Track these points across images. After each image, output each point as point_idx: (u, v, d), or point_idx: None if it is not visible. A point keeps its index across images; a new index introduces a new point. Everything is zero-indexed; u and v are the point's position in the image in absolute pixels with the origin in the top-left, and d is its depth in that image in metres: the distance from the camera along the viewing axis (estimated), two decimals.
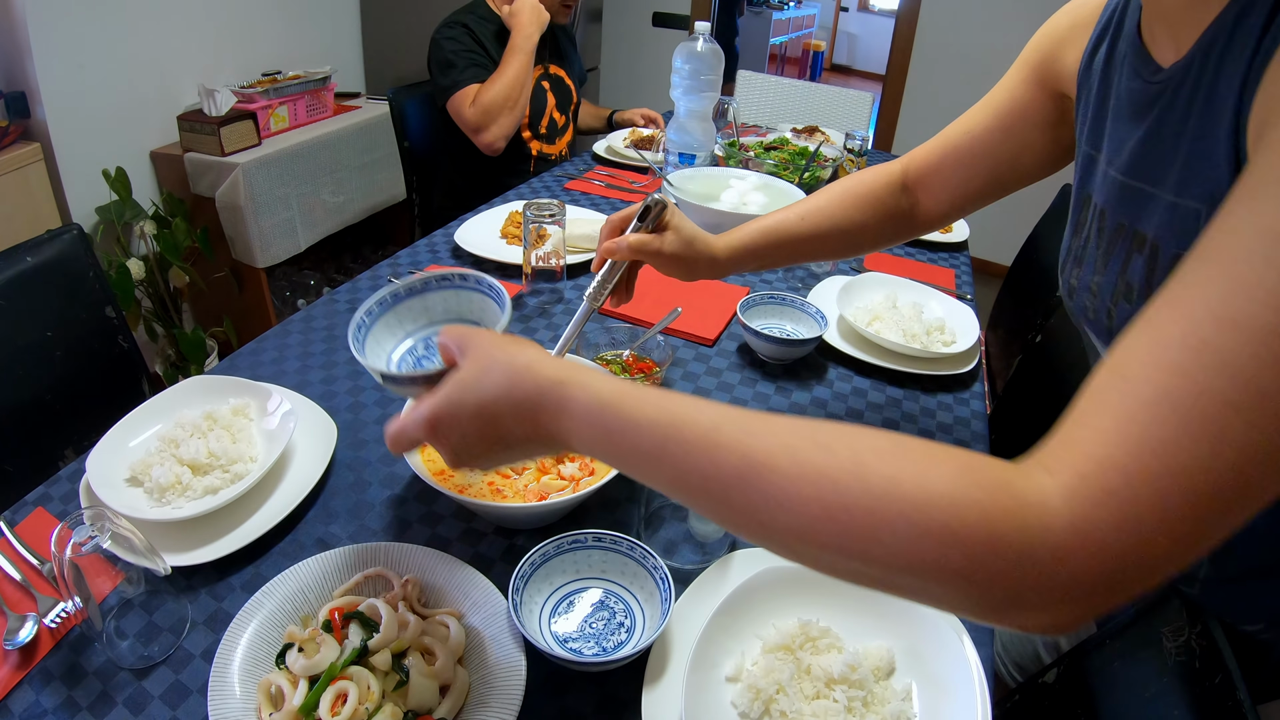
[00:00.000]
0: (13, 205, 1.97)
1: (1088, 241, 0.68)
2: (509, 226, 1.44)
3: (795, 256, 0.90)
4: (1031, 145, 0.79)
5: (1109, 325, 0.63)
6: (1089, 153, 0.68)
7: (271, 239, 2.37)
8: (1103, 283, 0.64)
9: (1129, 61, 0.61)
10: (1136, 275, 0.59)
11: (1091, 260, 0.67)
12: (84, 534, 0.59)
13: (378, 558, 0.71)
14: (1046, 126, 0.78)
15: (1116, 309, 0.62)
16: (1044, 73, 0.76)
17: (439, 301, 0.70)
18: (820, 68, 7.69)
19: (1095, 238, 0.66)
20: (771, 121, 2.49)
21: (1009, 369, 1.53)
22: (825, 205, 0.88)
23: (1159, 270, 0.56)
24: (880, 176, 0.89)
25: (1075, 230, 0.71)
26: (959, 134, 0.84)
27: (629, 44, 4.03)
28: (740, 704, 0.63)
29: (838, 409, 1.03)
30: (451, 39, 1.83)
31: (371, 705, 0.56)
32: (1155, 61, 0.58)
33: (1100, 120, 0.66)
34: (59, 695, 0.61)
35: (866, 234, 0.89)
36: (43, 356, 1.09)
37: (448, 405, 0.49)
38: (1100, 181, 0.66)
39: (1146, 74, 0.58)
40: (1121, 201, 0.61)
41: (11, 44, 1.99)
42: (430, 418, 0.49)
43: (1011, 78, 0.80)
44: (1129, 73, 0.61)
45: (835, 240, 0.89)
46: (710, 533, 0.77)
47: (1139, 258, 0.59)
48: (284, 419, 0.85)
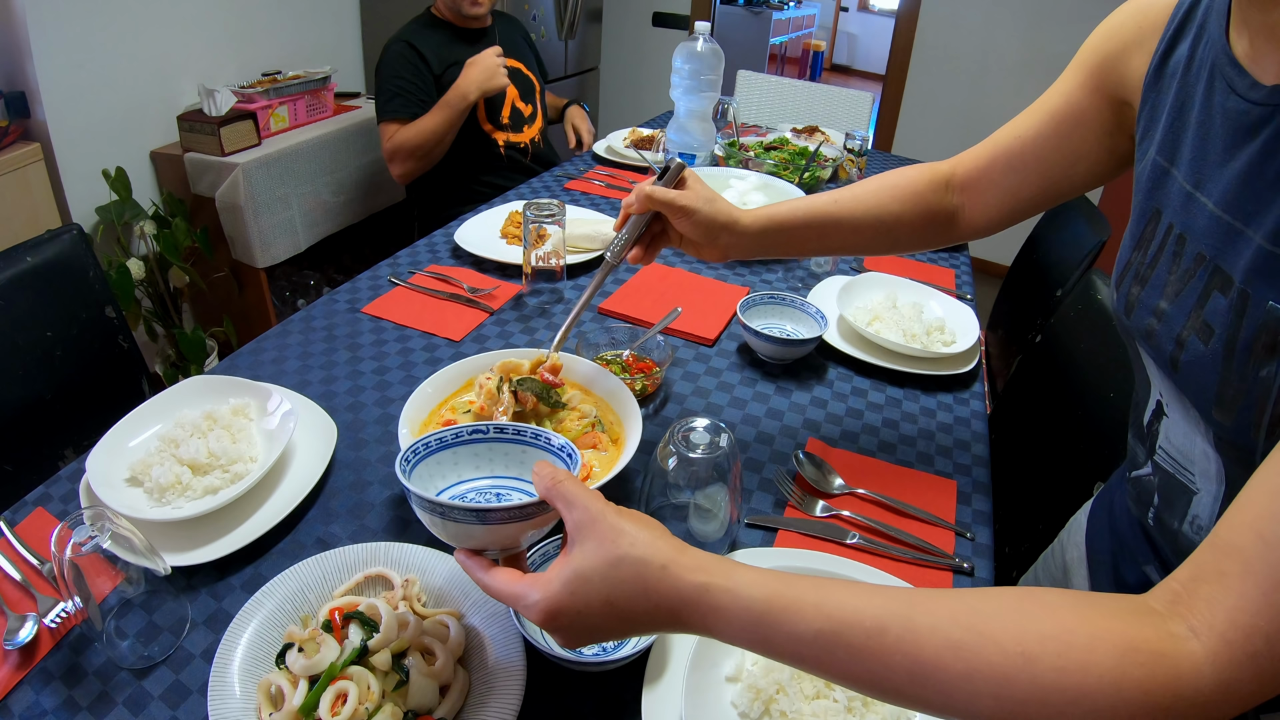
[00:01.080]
0: (13, 205, 1.98)
1: (1155, 261, 0.62)
2: (509, 226, 1.45)
3: (825, 241, 0.84)
4: (1087, 154, 0.74)
5: (1174, 355, 0.59)
6: (1160, 164, 0.63)
7: (271, 239, 2.38)
8: (1172, 312, 0.60)
9: (1221, 73, 0.55)
10: (1219, 319, 0.54)
11: (1160, 283, 0.62)
12: (84, 534, 0.59)
13: (378, 558, 0.71)
14: (1104, 134, 0.72)
15: (1188, 344, 0.58)
16: (1104, 78, 0.70)
17: (500, 454, 0.64)
18: (820, 68, 7.69)
19: (1168, 262, 0.61)
20: (771, 121, 2.49)
21: (1009, 369, 1.53)
22: (860, 192, 0.83)
23: (1248, 320, 0.52)
24: (925, 172, 0.84)
25: (1138, 244, 0.66)
26: (1009, 138, 0.79)
27: (629, 44, 4.03)
28: (740, 704, 0.63)
29: (838, 409, 1.03)
30: (388, 63, 1.90)
31: (371, 705, 0.56)
32: (1251, 76, 0.52)
33: (1178, 131, 0.61)
34: (59, 695, 0.61)
35: (902, 228, 0.84)
36: (43, 356, 1.09)
37: (571, 600, 0.46)
38: (1177, 200, 0.60)
39: (1243, 89, 0.53)
40: (1207, 233, 0.56)
41: (11, 44, 1.99)
42: (550, 610, 0.46)
43: (1067, 81, 0.74)
44: (1222, 86, 0.55)
45: (869, 231, 0.83)
46: (710, 532, 0.77)
47: (1222, 299, 0.54)
48: (284, 419, 0.85)
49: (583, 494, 0.49)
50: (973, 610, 0.43)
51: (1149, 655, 0.40)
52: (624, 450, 0.79)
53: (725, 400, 1.03)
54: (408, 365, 1.05)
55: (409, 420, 0.82)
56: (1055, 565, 0.93)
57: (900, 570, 0.78)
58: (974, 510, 0.88)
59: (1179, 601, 0.42)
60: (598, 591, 0.45)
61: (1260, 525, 0.40)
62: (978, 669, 0.41)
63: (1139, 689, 0.39)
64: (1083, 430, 1.13)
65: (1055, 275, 1.55)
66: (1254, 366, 0.51)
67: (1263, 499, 0.41)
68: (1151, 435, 0.68)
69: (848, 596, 0.44)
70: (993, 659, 0.41)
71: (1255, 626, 0.39)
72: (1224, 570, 0.41)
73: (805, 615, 0.43)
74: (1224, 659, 0.39)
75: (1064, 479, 1.11)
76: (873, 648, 0.42)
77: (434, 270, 1.30)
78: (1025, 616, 0.42)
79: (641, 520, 0.48)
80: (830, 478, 0.90)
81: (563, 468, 0.52)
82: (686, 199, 0.78)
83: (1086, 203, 1.62)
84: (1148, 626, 0.41)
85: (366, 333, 1.12)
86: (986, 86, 3.40)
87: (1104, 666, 0.40)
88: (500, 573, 0.50)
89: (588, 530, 0.47)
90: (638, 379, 0.98)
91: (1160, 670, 0.40)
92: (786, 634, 0.43)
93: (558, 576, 0.47)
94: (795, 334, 1.14)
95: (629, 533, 0.46)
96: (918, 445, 0.98)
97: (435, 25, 1.97)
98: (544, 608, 0.46)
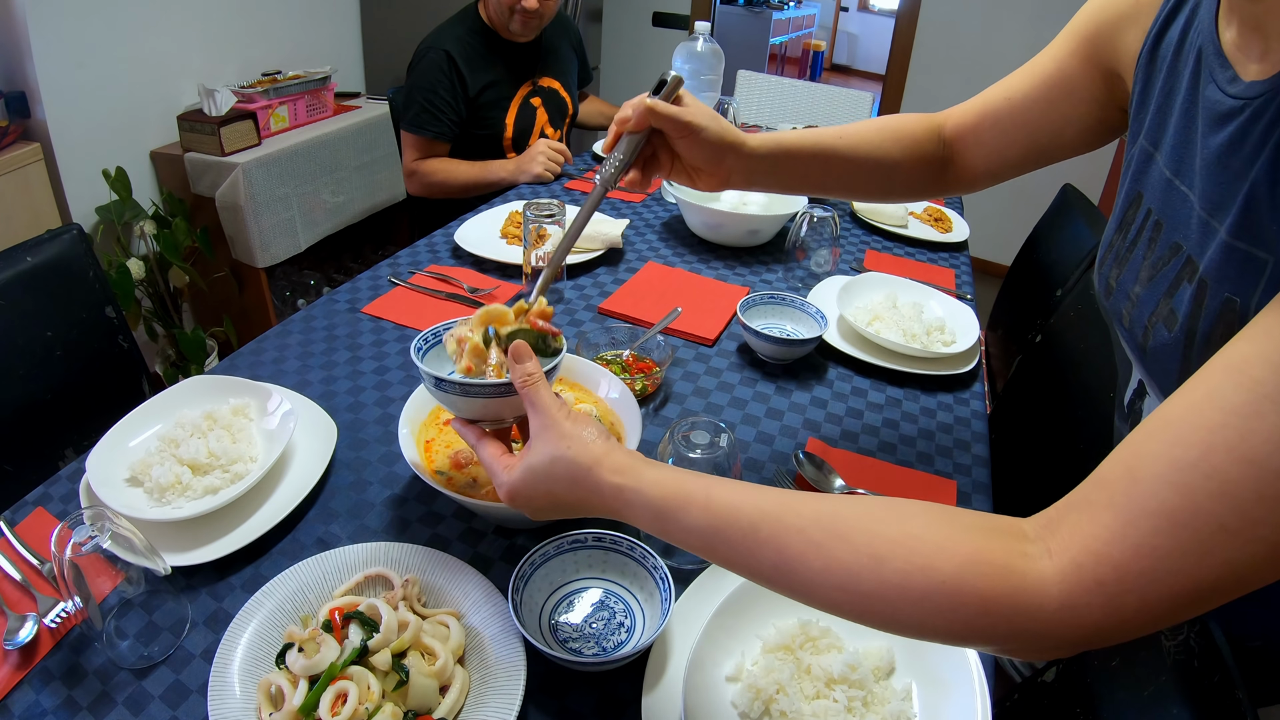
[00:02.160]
0: (13, 205, 1.97)
1: (1134, 245, 0.63)
2: (509, 226, 1.45)
3: (827, 175, 0.81)
4: (1075, 120, 0.74)
5: (1142, 342, 0.61)
6: (1146, 149, 0.63)
7: (271, 239, 2.37)
8: (1144, 296, 0.61)
9: (1206, 61, 0.55)
10: (1182, 306, 0.55)
11: (1135, 267, 0.63)
12: (84, 534, 0.59)
13: (378, 558, 0.71)
14: (1093, 104, 0.72)
15: (1153, 330, 0.59)
16: (1096, 48, 0.70)
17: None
18: (820, 68, 7.68)
19: (1144, 246, 0.62)
20: (771, 121, 2.49)
21: (1009, 369, 1.53)
22: (865, 131, 0.82)
23: (1205, 310, 0.53)
24: (921, 120, 0.84)
25: (1120, 227, 0.67)
26: (999, 98, 0.79)
27: (629, 44, 4.03)
28: (740, 704, 0.63)
29: (838, 409, 1.03)
30: (424, 72, 1.80)
31: (371, 705, 0.56)
32: (1233, 69, 0.52)
33: (1162, 117, 0.61)
34: (59, 695, 0.61)
35: (899, 173, 0.83)
36: (43, 356, 1.09)
37: (523, 487, 0.57)
38: (1158, 186, 0.61)
39: (1223, 81, 0.53)
40: (1183, 222, 0.57)
41: (11, 44, 1.99)
42: (510, 493, 0.57)
43: (1060, 47, 0.74)
44: (1206, 75, 0.55)
45: (868, 171, 0.82)
46: None
47: (1188, 287, 0.55)
48: (284, 419, 0.85)
49: (545, 398, 0.57)
50: (835, 514, 0.48)
51: (992, 567, 0.43)
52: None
53: (725, 400, 1.03)
54: (408, 365, 1.05)
55: (409, 420, 0.82)
56: None
57: None
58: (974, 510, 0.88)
59: (1049, 525, 0.44)
60: (542, 483, 0.55)
61: (1132, 461, 0.42)
62: (831, 566, 0.46)
63: (978, 596, 0.42)
64: (1082, 430, 1.13)
65: (1055, 275, 1.55)
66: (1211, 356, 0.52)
67: (1139, 436, 0.43)
68: (1134, 414, 0.69)
69: (732, 496, 0.50)
70: (845, 558, 0.46)
71: (1107, 554, 0.40)
72: (1091, 500, 0.43)
73: (694, 514, 0.50)
74: (1072, 580, 0.41)
75: (1064, 479, 1.10)
76: (747, 543, 0.49)
77: (434, 270, 1.30)
78: (880, 522, 0.46)
79: (583, 423, 0.56)
80: (830, 478, 0.90)
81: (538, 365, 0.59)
82: (692, 115, 0.71)
83: (1086, 203, 1.62)
84: (999, 542, 0.44)
85: (366, 333, 1.12)
86: (986, 86, 3.39)
87: (945, 572, 0.43)
88: (488, 445, 0.61)
89: (541, 432, 0.56)
90: (638, 379, 0.98)
91: (1001, 581, 0.42)
92: (679, 527, 0.51)
93: (517, 465, 0.57)
94: (795, 334, 1.14)
95: (569, 436, 0.55)
96: (918, 445, 0.98)
97: (479, 31, 1.85)
98: (506, 490, 0.57)
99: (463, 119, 1.85)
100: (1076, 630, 0.41)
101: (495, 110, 1.88)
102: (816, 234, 1.33)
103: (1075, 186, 1.71)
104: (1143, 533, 0.40)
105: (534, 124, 1.96)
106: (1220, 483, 0.38)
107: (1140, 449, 0.42)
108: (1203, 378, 0.42)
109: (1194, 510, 0.39)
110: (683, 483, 0.52)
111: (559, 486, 0.55)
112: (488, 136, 1.90)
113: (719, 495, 0.50)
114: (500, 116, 1.89)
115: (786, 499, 0.49)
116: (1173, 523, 0.39)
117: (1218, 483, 0.38)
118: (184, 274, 2.27)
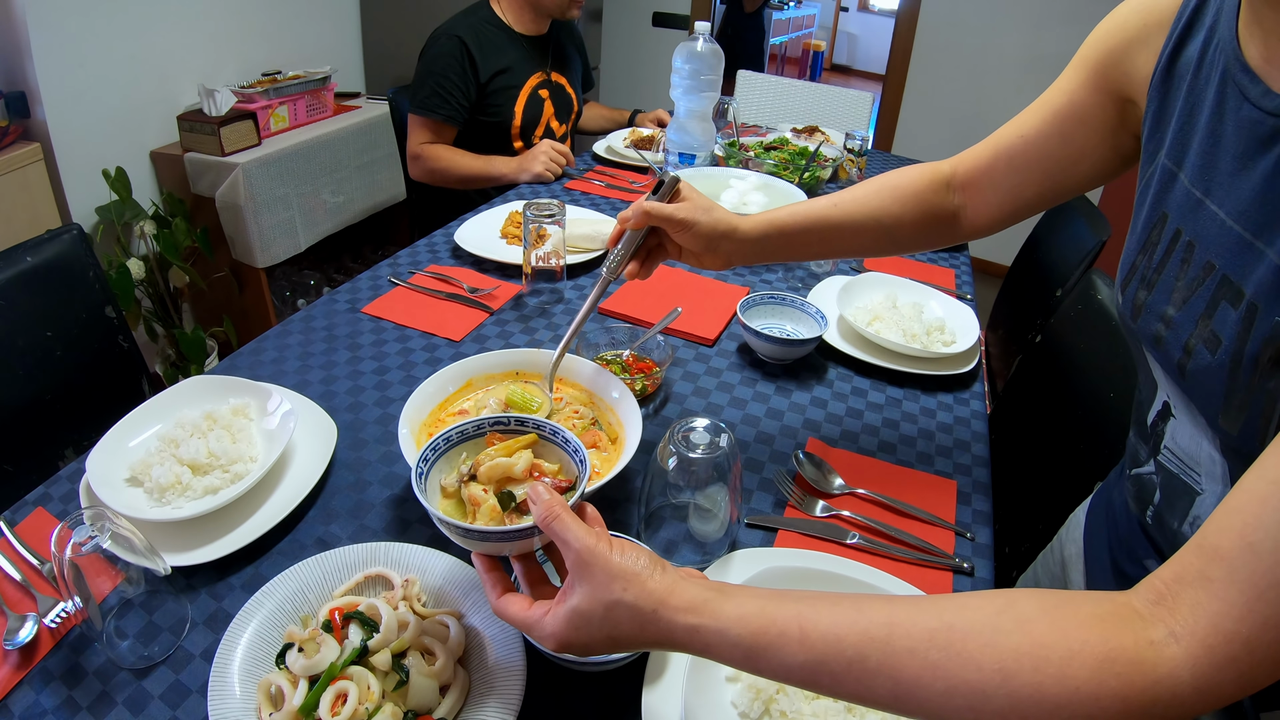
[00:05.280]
0: (13, 205, 1.98)
1: (1162, 266, 0.62)
2: (509, 226, 1.45)
3: (826, 245, 0.84)
4: (1091, 152, 0.73)
5: (1182, 362, 0.59)
6: (1169, 168, 0.62)
7: (271, 239, 2.38)
8: (1180, 319, 0.59)
9: (1233, 79, 0.54)
10: (1227, 330, 0.54)
11: (1166, 289, 0.61)
12: (84, 534, 0.59)
13: (378, 558, 0.71)
14: (1107, 133, 0.71)
15: (1195, 352, 0.57)
16: (1107, 75, 0.69)
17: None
18: (820, 68, 7.69)
19: (1176, 267, 0.60)
20: (771, 121, 2.49)
21: (1009, 369, 1.53)
22: (860, 194, 0.83)
23: (1255, 333, 0.52)
24: (925, 172, 0.84)
25: (1143, 248, 0.65)
26: (1012, 137, 0.78)
27: (629, 44, 4.03)
28: (740, 704, 0.63)
29: (838, 409, 1.03)
30: (436, 57, 1.81)
31: (371, 705, 0.56)
32: (1265, 84, 0.51)
33: (1185, 136, 0.60)
34: (59, 695, 0.61)
35: (903, 229, 0.83)
36: (43, 356, 1.09)
37: (576, 635, 0.50)
38: (1185, 206, 0.59)
39: (1256, 97, 0.52)
40: (1218, 243, 0.55)
41: (11, 44, 1.99)
42: (560, 643, 0.51)
43: (1070, 79, 0.73)
44: (1234, 93, 0.54)
45: (870, 232, 0.83)
46: (710, 532, 0.77)
47: (1231, 311, 0.54)
48: (284, 419, 0.85)
49: (576, 531, 0.51)
50: (950, 629, 0.44)
51: (1126, 665, 0.41)
52: (624, 450, 0.79)
53: (725, 400, 1.03)
54: (408, 365, 1.05)
55: (409, 420, 0.82)
56: (1054, 562, 0.93)
57: (900, 570, 0.78)
58: (974, 510, 0.88)
59: (1162, 603, 0.43)
60: (599, 629, 0.49)
61: (1248, 532, 0.41)
62: (956, 688, 0.43)
63: (1116, 697, 0.41)
64: (1082, 430, 1.13)
65: (1055, 275, 1.55)
66: (1260, 378, 0.51)
67: (1252, 505, 0.42)
68: (1156, 435, 0.68)
69: (830, 624, 0.46)
70: (970, 678, 0.43)
71: (1236, 633, 0.40)
72: (1209, 575, 0.42)
73: (789, 650, 0.46)
74: (1204, 664, 0.40)
75: (1064, 479, 1.11)
76: (854, 673, 0.45)
77: (434, 270, 1.30)
78: (1001, 634, 0.43)
79: (632, 554, 0.50)
80: (830, 478, 0.90)
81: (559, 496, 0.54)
82: (685, 211, 0.77)
83: (1086, 203, 1.62)
84: (1126, 634, 0.42)
85: (366, 333, 1.12)
86: (986, 86, 3.40)
87: (1080, 679, 0.41)
88: (512, 600, 0.54)
89: (583, 573, 0.50)
90: (638, 379, 0.98)
91: (1138, 678, 0.41)
92: (774, 666, 0.47)
93: (562, 612, 0.50)
94: (795, 334, 1.14)
95: (620, 577, 0.49)
96: (918, 445, 0.98)
97: (491, 22, 1.87)
98: (555, 643, 0.51)
99: (472, 104, 1.86)
100: (1209, 706, 0.41)
101: (505, 98, 1.89)
102: None
103: None
104: (1270, 605, 0.39)
105: (541, 116, 1.97)
106: None
107: (1253, 519, 0.41)
108: None
109: None
110: (771, 616, 0.47)
111: (621, 631, 0.49)
112: (495, 124, 1.90)
113: (814, 624, 0.46)
114: (509, 105, 1.90)
115: (892, 616, 0.46)
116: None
117: None
118: (184, 274, 2.27)
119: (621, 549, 0.50)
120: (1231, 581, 0.41)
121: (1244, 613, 0.40)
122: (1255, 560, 0.40)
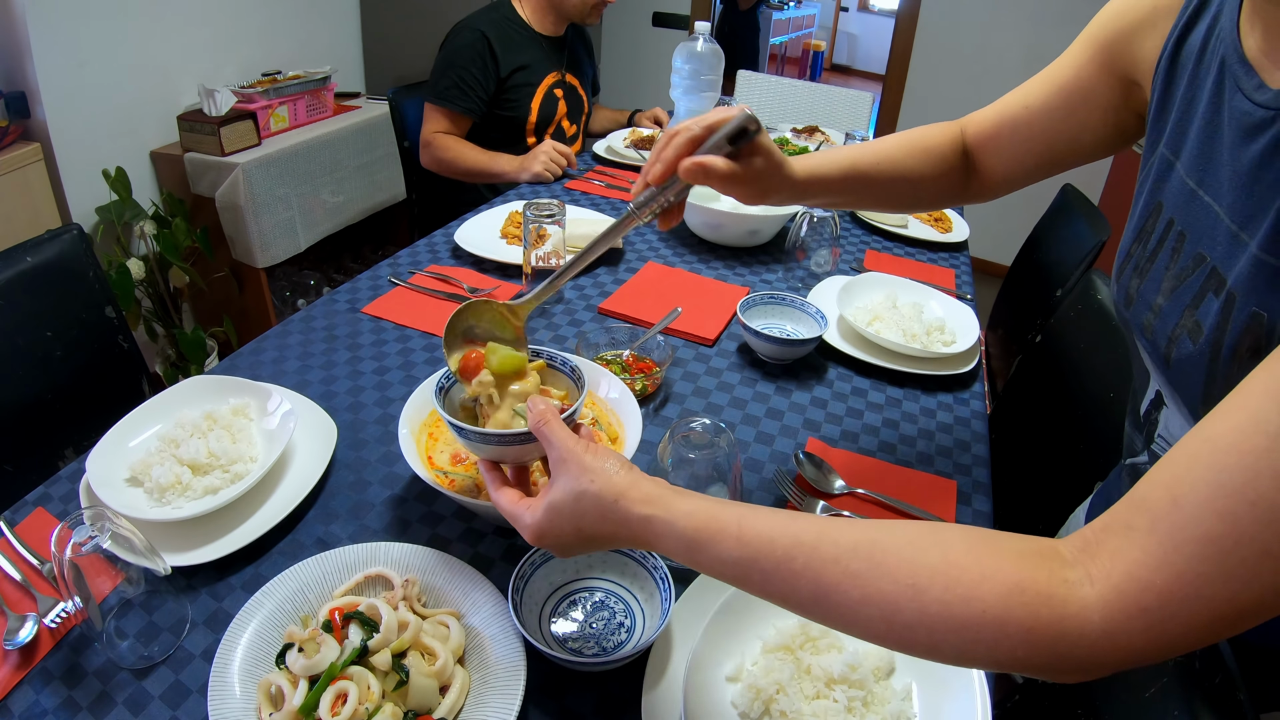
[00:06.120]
0: (13, 205, 1.97)
1: (1155, 255, 0.63)
2: (509, 226, 1.45)
3: (861, 201, 0.84)
4: (1092, 127, 0.74)
5: (1166, 353, 0.60)
6: (1167, 157, 0.62)
7: (271, 239, 2.37)
8: (1167, 308, 0.60)
9: (1230, 69, 0.54)
10: (1208, 319, 0.55)
11: (1157, 278, 0.62)
12: (84, 534, 0.59)
13: (378, 558, 0.71)
14: (1110, 111, 0.72)
15: (1178, 343, 0.58)
16: (1113, 55, 0.69)
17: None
18: (820, 68, 7.69)
19: (1167, 257, 0.61)
20: (771, 121, 2.49)
21: (1009, 369, 1.53)
22: (895, 153, 0.82)
23: (1232, 324, 0.53)
24: (945, 132, 0.84)
25: (1139, 237, 0.66)
26: (1016, 107, 0.79)
27: (629, 44, 4.03)
28: (740, 704, 0.63)
29: (838, 409, 1.03)
30: (458, 49, 1.84)
31: (371, 705, 0.56)
32: (1259, 77, 0.52)
33: (1183, 126, 0.60)
34: (59, 695, 0.61)
35: (925, 186, 0.84)
36: (43, 356, 1.09)
37: (549, 526, 0.55)
38: (1180, 196, 0.60)
39: (1249, 90, 0.52)
40: (1209, 234, 0.56)
41: (11, 44, 1.99)
42: (535, 534, 0.56)
43: (1076, 55, 0.74)
44: (1231, 84, 0.54)
45: (899, 189, 0.83)
46: None
47: (1214, 300, 0.54)
48: (284, 419, 0.85)
49: (560, 434, 0.56)
50: (872, 543, 0.47)
51: (1035, 596, 0.42)
52: (624, 450, 0.79)
53: (725, 400, 1.03)
54: (408, 365, 1.05)
55: (409, 420, 0.82)
56: None
57: None
58: (974, 510, 0.88)
59: (1086, 549, 0.44)
60: (568, 520, 0.54)
61: (1175, 486, 0.42)
62: (870, 596, 0.45)
63: (1021, 626, 0.42)
64: (1082, 430, 1.13)
65: (1055, 275, 1.55)
66: (1238, 369, 0.51)
67: (1183, 459, 0.42)
68: (1150, 424, 0.68)
69: (766, 526, 0.49)
70: (885, 588, 0.45)
71: (1150, 582, 0.40)
72: (1132, 524, 0.42)
73: (727, 545, 0.49)
74: (1115, 608, 0.41)
75: (1064, 479, 1.11)
76: (781, 573, 0.48)
77: (434, 270, 1.30)
78: (919, 551, 0.46)
79: (604, 456, 0.55)
80: (830, 478, 0.90)
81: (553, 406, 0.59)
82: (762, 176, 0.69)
83: (1086, 203, 1.62)
84: (1041, 569, 0.43)
85: (366, 333, 1.12)
86: (986, 86, 3.37)
87: (987, 602, 0.43)
88: (506, 492, 0.60)
89: (560, 467, 0.55)
90: (638, 379, 0.98)
91: (1045, 611, 0.42)
92: (712, 560, 0.50)
93: (540, 505, 0.56)
94: (795, 334, 1.14)
95: (590, 470, 0.54)
96: (918, 445, 0.98)
97: (512, 19, 1.90)
98: (531, 531, 0.56)
99: (490, 97, 1.87)
100: (1117, 654, 0.41)
101: (522, 94, 1.90)
102: (816, 234, 1.33)
103: (1075, 187, 1.71)
104: (1187, 559, 0.39)
105: (555, 114, 1.99)
106: (1266, 509, 0.38)
107: (1182, 473, 0.42)
108: (1243, 400, 0.41)
109: (1238, 536, 0.38)
110: (715, 513, 0.51)
111: (586, 522, 0.54)
112: (510, 119, 1.92)
113: (752, 525, 0.49)
114: (526, 101, 1.91)
115: (823, 527, 0.48)
116: (1217, 549, 0.39)
117: (1263, 509, 0.38)
118: (184, 274, 2.27)
119: (595, 451, 0.55)
120: (1152, 532, 0.41)
121: (1159, 563, 0.40)
122: (1177, 513, 0.41)
